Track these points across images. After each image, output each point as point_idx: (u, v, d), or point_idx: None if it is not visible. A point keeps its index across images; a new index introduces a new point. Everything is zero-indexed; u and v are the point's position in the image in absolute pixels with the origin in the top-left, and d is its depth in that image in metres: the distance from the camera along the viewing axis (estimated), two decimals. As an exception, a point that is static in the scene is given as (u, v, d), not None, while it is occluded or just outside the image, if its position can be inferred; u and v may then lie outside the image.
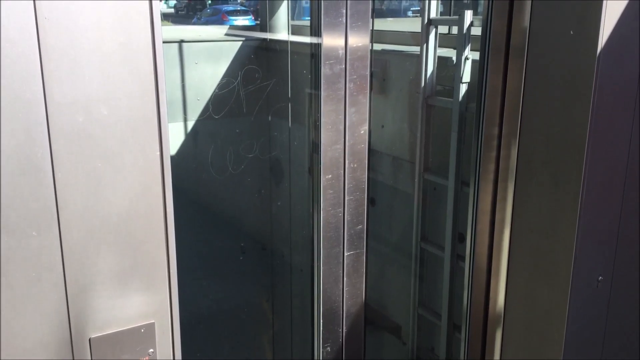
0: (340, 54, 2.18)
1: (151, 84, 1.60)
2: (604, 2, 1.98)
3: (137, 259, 1.70)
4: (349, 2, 2.13)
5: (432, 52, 3.41)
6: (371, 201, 3.95)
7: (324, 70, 2.16)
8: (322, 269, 2.35)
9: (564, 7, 2.10)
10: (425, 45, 3.39)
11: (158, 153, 1.65)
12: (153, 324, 1.77)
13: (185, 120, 4.70)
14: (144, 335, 1.76)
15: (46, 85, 1.49)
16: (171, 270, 1.76)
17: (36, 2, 1.44)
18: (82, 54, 1.51)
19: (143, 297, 1.73)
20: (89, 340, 1.69)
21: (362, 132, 2.29)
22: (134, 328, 1.74)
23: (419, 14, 3.49)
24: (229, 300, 4.72)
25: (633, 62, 2.13)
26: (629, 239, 2.33)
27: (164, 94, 1.63)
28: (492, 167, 2.45)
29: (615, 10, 2.01)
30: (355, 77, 2.23)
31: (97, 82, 1.54)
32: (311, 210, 2.45)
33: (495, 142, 2.42)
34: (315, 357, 2.49)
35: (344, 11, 2.13)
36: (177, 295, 1.79)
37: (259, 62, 4.75)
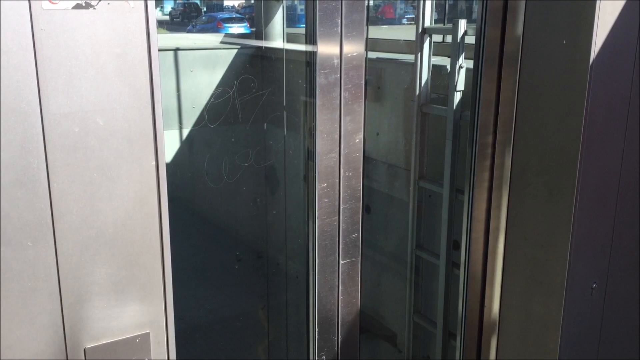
0: (336, 64, 2.19)
1: (147, 95, 1.61)
2: (597, 12, 2.00)
3: (132, 269, 1.70)
4: (343, 11, 2.15)
5: (427, 61, 3.43)
6: (367, 209, 3.96)
7: (319, 79, 2.17)
8: (318, 278, 2.35)
9: (557, 16, 2.12)
10: (419, 53, 3.41)
11: (154, 163, 1.66)
12: (148, 333, 1.77)
13: (180, 128, 4.70)
14: (139, 345, 1.76)
15: (42, 96, 1.50)
16: (166, 280, 1.76)
17: (33, 13, 1.45)
18: (78, 65, 1.52)
19: (138, 307, 1.74)
20: (84, 350, 1.69)
21: (357, 140, 2.30)
22: (129, 338, 1.74)
23: (413, 22, 3.51)
24: (225, 309, 4.71)
25: (626, 72, 2.15)
26: (622, 246, 2.35)
27: (159, 104, 1.63)
28: (486, 175, 2.46)
29: (607, 21, 2.03)
30: (350, 86, 2.24)
31: (93, 93, 1.55)
32: (306, 218, 2.46)
33: (489, 151, 2.43)
34: (311, 366, 2.50)
35: (339, 21, 2.14)
36: (172, 305, 1.79)
37: (255, 70, 4.76)
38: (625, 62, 2.14)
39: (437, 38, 3.60)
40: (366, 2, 2.24)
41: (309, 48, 2.26)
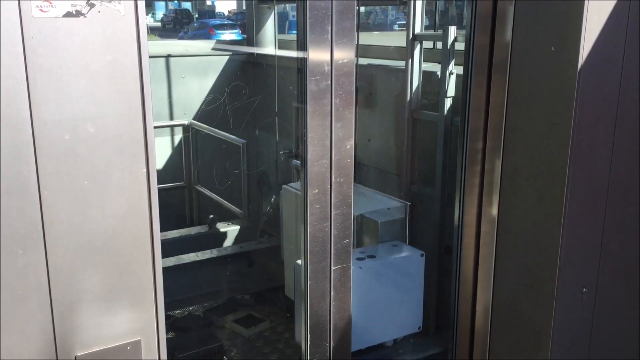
0: (326, 70, 2.20)
1: (138, 103, 1.61)
2: (584, 19, 2.02)
3: (123, 277, 1.70)
4: (334, 19, 2.16)
5: (417, 67, 3.45)
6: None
7: (310, 86, 2.18)
8: (309, 284, 2.35)
9: (545, 23, 2.13)
10: (410, 60, 3.43)
11: (144, 171, 1.66)
12: (139, 341, 1.76)
13: (172, 135, 4.70)
14: (130, 352, 1.75)
15: (33, 103, 1.50)
16: (157, 288, 1.76)
17: (23, 21, 1.45)
18: (69, 73, 1.52)
19: (129, 315, 1.73)
20: (75, 358, 1.68)
21: (348, 146, 2.31)
22: (120, 345, 1.73)
23: (404, 28, 3.53)
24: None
25: (613, 78, 2.17)
26: (612, 251, 2.36)
27: (150, 112, 1.64)
28: (476, 181, 2.48)
29: (595, 27, 2.05)
30: (341, 92, 2.25)
31: (84, 101, 1.55)
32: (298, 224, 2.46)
33: (479, 157, 2.45)
34: (303, 372, 2.49)
35: (329, 28, 2.15)
36: (163, 312, 1.79)
37: (246, 77, 4.77)
38: (613, 68, 2.16)
39: (428, 44, 3.62)
40: (357, 9, 2.25)
41: (300, 55, 2.27)
